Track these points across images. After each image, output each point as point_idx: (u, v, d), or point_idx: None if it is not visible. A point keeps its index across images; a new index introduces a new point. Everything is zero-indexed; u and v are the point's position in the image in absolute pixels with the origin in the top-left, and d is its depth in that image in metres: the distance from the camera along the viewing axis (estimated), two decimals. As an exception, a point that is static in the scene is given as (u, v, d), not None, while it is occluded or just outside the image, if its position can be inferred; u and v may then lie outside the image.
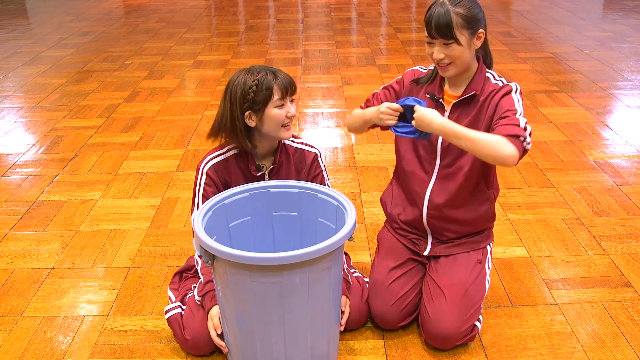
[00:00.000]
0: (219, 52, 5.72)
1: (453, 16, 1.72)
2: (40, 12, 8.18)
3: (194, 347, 1.87)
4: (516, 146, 1.70)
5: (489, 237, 2.02)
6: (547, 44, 5.68)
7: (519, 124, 1.74)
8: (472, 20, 1.75)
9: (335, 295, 1.70)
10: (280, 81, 1.81)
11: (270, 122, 1.83)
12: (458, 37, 1.74)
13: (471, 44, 1.79)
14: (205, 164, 1.91)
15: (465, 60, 1.81)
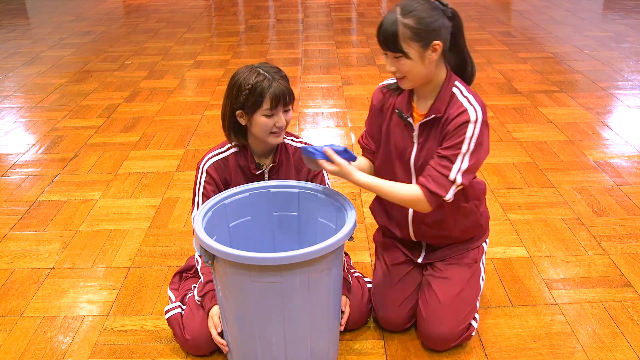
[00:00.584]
0: (219, 52, 5.72)
1: (400, 27, 1.59)
2: (40, 12, 8.18)
3: (194, 347, 1.87)
4: (430, 203, 1.68)
5: (483, 234, 1.98)
6: (547, 44, 5.68)
7: (448, 175, 1.65)
8: (423, 32, 1.59)
9: (335, 296, 1.70)
10: (273, 91, 1.76)
11: (257, 127, 1.83)
12: (406, 50, 1.61)
13: (424, 57, 1.63)
14: (205, 162, 1.92)
15: (420, 75, 1.67)
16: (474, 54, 1.79)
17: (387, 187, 1.73)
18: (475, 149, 1.65)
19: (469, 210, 1.87)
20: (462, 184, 1.67)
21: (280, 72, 1.83)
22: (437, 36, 1.62)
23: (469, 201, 1.85)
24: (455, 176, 1.65)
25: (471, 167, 1.67)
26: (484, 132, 1.67)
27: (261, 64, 1.85)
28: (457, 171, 1.66)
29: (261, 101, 1.77)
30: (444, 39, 1.64)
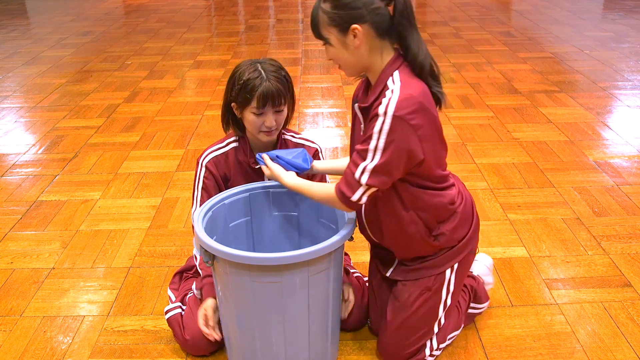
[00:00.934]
0: (219, 52, 5.72)
1: (320, 13, 1.52)
2: (40, 12, 8.18)
3: (194, 347, 1.87)
4: (344, 203, 1.55)
5: (450, 258, 1.70)
6: (547, 44, 5.68)
7: (354, 173, 1.50)
8: (338, 16, 1.48)
9: (336, 295, 1.70)
10: (262, 91, 1.76)
11: (247, 123, 1.85)
12: (326, 36, 1.53)
13: (346, 43, 1.51)
14: (204, 157, 1.93)
15: (350, 62, 1.56)
16: (474, 54, 1.76)
17: (309, 187, 1.67)
18: (385, 147, 1.45)
19: (408, 221, 1.63)
20: (369, 186, 1.49)
21: (278, 72, 1.82)
22: (358, 19, 1.47)
23: (408, 210, 1.62)
24: (360, 176, 1.49)
25: (380, 167, 1.47)
26: (395, 129, 1.44)
27: (265, 60, 1.84)
28: (363, 170, 1.48)
29: (250, 99, 1.78)
30: (371, 21, 1.47)
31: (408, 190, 1.60)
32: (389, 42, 1.53)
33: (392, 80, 1.50)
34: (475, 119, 3.84)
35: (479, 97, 4.25)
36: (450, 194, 1.66)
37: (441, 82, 1.59)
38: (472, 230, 1.72)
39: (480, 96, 4.26)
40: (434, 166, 1.58)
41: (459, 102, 4.15)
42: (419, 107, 1.46)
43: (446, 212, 1.66)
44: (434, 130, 1.54)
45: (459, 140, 3.50)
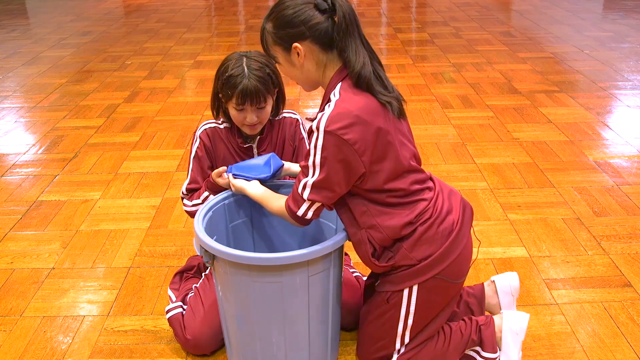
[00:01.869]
0: (219, 52, 5.72)
1: (265, 34, 1.58)
2: (40, 12, 8.18)
3: (195, 347, 1.87)
4: (293, 218, 1.56)
5: (407, 278, 1.59)
6: (547, 44, 5.68)
7: (297, 188, 1.51)
8: (278, 37, 1.53)
9: (336, 296, 1.70)
10: (241, 89, 1.77)
11: (231, 115, 1.88)
12: (274, 54, 1.59)
13: (291, 61, 1.54)
14: (200, 128, 1.97)
15: (301, 79, 1.59)
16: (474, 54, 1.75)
17: (267, 199, 1.66)
18: (321, 163, 1.44)
19: (359, 240, 1.59)
20: (312, 200, 1.50)
21: (262, 69, 1.81)
22: (299, 37, 1.49)
23: (360, 229, 1.58)
24: (302, 191, 1.50)
25: (319, 182, 1.46)
26: (328, 145, 1.42)
27: (253, 54, 1.86)
28: (304, 186, 1.49)
29: (231, 95, 1.80)
30: (311, 37, 1.48)
31: (358, 207, 1.56)
32: (335, 54, 1.51)
33: (333, 94, 1.49)
34: (475, 119, 3.84)
35: (479, 97, 4.25)
36: (416, 211, 1.56)
37: (390, 88, 1.53)
38: (441, 252, 1.56)
39: (480, 96, 4.26)
40: (384, 180, 1.52)
41: (459, 102, 4.15)
42: (354, 121, 1.43)
43: (403, 231, 1.56)
44: (379, 143, 1.48)
45: (459, 140, 3.50)
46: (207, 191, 1.90)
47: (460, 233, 1.60)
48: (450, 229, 1.59)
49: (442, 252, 1.57)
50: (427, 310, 1.65)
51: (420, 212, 1.56)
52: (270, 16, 1.54)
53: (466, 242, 1.63)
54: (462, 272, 1.65)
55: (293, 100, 4.27)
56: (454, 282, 1.63)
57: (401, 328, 1.66)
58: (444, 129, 3.68)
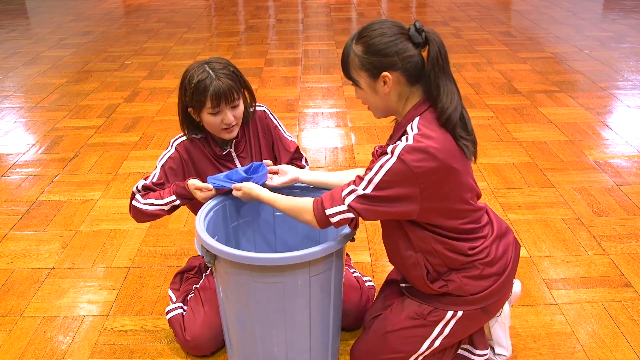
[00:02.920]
0: (219, 52, 5.72)
1: (350, 55, 1.51)
2: (40, 12, 8.18)
3: (195, 347, 1.87)
4: (316, 215, 1.50)
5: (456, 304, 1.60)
6: (547, 44, 5.68)
7: (342, 191, 1.49)
8: (369, 62, 1.47)
9: (337, 296, 1.70)
10: (213, 90, 1.75)
11: (207, 125, 1.83)
12: (356, 79, 1.52)
13: (375, 89, 1.50)
14: (177, 138, 1.92)
15: (379, 106, 1.55)
16: (474, 54, 1.75)
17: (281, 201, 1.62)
18: (380, 184, 1.43)
19: (414, 262, 1.59)
20: (351, 209, 1.46)
21: (226, 68, 1.80)
22: (390, 66, 1.46)
23: (416, 252, 1.58)
24: (346, 195, 1.47)
25: (369, 198, 1.44)
26: (396, 171, 1.41)
27: (212, 60, 1.83)
28: (351, 192, 1.47)
29: (203, 100, 1.77)
30: (402, 69, 1.46)
31: (416, 232, 1.55)
32: (419, 88, 1.50)
33: (411, 127, 1.47)
34: (475, 119, 3.84)
35: (479, 97, 4.25)
36: (473, 247, 1.57)
37: (471, 130, 1.53)
38: (492, 290, 1.59)
39: (480, 96, 4.26)
40: (445, 219, 1.52)
41: (459, 102, 4.15)
42: (429, 158, 1.42)
43: (460, 263, 1.57)
44: (446, 184, 1.47)
45: (459, 140, 3.50)
46: (175, 196, 1.82)
47: (510, 273, 1.64)
48: (504, 268, 1.61)
49: (494, 290, 1.59)
50: (457, 335, 1.66)
51: (479, 249, 1.57)
52: (361, 39, 1.48)
53: (512, 279, 1.68)
54: (500, 307, 1.69)
55: (293, 100, 4.28)
56: (492, 315, 1.67)
57: (425, 347, 1.65)
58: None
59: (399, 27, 1.48)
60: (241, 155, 1.95)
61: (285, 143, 2.01)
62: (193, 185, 1.78)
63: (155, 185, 1.87)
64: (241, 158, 1.95)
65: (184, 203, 1.83)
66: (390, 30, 1.47)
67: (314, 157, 3.35)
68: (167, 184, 1.86)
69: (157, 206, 1.83)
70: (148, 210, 1.83)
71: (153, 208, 1.83)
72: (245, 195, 1.71)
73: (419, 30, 1.45)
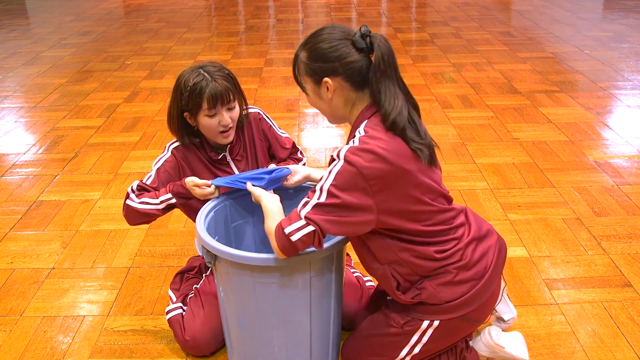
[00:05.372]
0: (219, 52, 5.72)
1: (297, 61, 1.53)
2: (40, 12, 8.18)
3: (195, 348, 1.87)
4: (276, 238, 1.43)
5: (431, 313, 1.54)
6: (547, 44, 5.68)
7: (298, 212, 1.42)
8: (311, 68, 1.48)
9: (337, 296, 1.70)
10: (210, 91, 1.75)
11: (204, 128, 1.84)
12: (303, 84, 1.54)
13: (320, 94, 1.50)
14: (173, 142, 1.93)
15: (327, 112, 1.54)
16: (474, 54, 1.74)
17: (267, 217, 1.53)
18: (332, 187, 1.39)
19: (382, 274, 1.55)
20: (309, 220, 1.39)
21: (222, 71, 1.81)
22: (331, 72, 1.45)
23: (382, 264, 1.53)
24: (301, 208, 1.41)
25: (324, 206, 1.39)
26: (344, 173, 1.38)
27: (206, 64, 1.83)
28: (305, 204, 1.41)
29: (200, 102, 1.77)
30: (344, 75, 1.45)
31: (376, 242, 1.50)
32: (366, 93, 1.48)
33: (358, 131, 1.46)
34: (475, 119, 3.84)
35: (479, 97, 4.25)
36: (441, 250, 1.51)
37: (423, 134, 1.47)
38: (470, 295, 1.52)
39: (480, 96, 4.26)
40: (404, 221, 1.46)
41: (459, 102, 4.15)
42: (376, 159, 1.38)
43: (430, 269, 1.51)
44: (399, 185, 1.42)
45: (459, 140, 3.50)
46: (171, 194, 1.81)
47: (491, 277, 1.56)
48: (483, 272, 1.54)
49: (472, 296, 1.53)
50: (438, 344, 1.61)
51: (450, 253, 1.51)
52: (306, 45, 1.50)
53: (495, 285, 1.60)
54: (486, 315, 1.63)
55: (293, 100, 4.28)
56: (476, 323, 1.60)
57: (404, 353, 1.61)
58: (444, 129, 3.68)
59: (345, 33, 1.46)
60: (236, 159, 1.96)
61: (281, 141, 2.05)
62: (191, 182, 1.78)
63: (151, 187, 1.86)
64: (236, 161, 1.95)
65: (180, 202, 1.82)
66: (335, 35, 1.46)
67: (314, 157, 3.35)
68: (162, 187, 1.86)
69: (151, 205, 1.82)
70: (142, 209, 1.82)
71: (147, 207, 1.82)
72: (255, 200, 1.68)
73: (363, 36, 1.44)
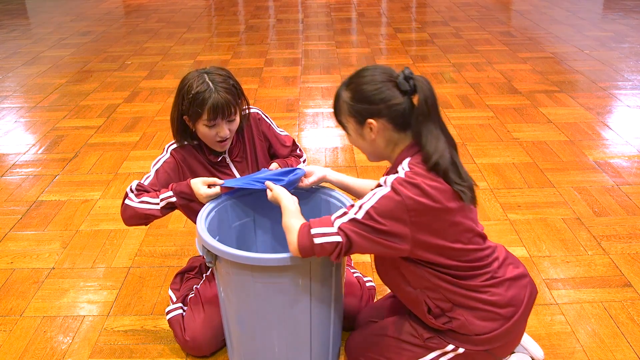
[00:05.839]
0: (219, 52, 5.72)
1: (340, 100, 1.51)
2: (40, 12, 8.17)
3: (195, 348, 1.87)
4: (298, 236, 1.44)
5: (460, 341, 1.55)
6: (547, 44, 5.68)
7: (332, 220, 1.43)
8: (354, 109, 1.48)
9: (338, 297, 1.70)
10: (211, 103, 1.74)
11: (201, 135, 1.84)
12: (345, 124, 1.52)
13: (362, 134, 1.50)
14: (172, 143, 1.92)
15: (367, 151, 1.55)
16: (474, 54, 1.74)
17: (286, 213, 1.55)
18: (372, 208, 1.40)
19: (413, 299, 1.56)
20: (340, 231, 1.40)
21: (226, 81, 1.79)
22: (375, 114, 1.46)
23: (415, 288, 1.54)
24: (336, 217, 1.43)
25: (359, 223, 1.40)
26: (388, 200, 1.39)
27: (211, 69, 1.82)
28: (342, 215, 1.43)
29: (201, 112, 1.76)
30: (388, 117, 1.46)
31: (409, 269, 1.51)
32: (408, 134, 1.49)
33: (402, 167, 1.46)
34: (475, 119, 3.84)
35: (479, 97, 4.25)
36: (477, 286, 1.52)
37: (465, 176, 1.48)
38: (499, 333, 1.53)
39: (480, 96, 4.26)
40: (441, 257, 1.47)
41: (459, 102, 4.15)
42: (421, 193, 1.39)
43: (463, 298, 1.52)
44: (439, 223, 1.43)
45: (459, 141, 3.50)
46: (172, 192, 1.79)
47: (520, 318, 1.57)
48: (513, 313, 1.55)
49: (501, 333, 1.54)
50: None
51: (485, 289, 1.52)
52: (349, 86, 1.50)
53: (522, 326, 1.62)
54: (509, 352, 1.65)
55: (293, 100, 4.28)
56: (498, 358, 1.60)
57: None
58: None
59: (388, 75, 1.47)
60: (236, 160, 1.96)
61: (281, 139, 2.05)
62: (200, 181, 1.76)
63: (150, 188, 1.85)
64: (236, 163, 1.95)
65: (181, 202, 1.80)
66: (379, 77, 1.46)
67: (314, 157, 3.35)
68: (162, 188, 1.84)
69: (151, 204, 1.80)
70: (141, 208, 1.80)
71: (146, 207, 1.80)
72: (273, 198, 1.68)
73: (407, 78, 1.44)
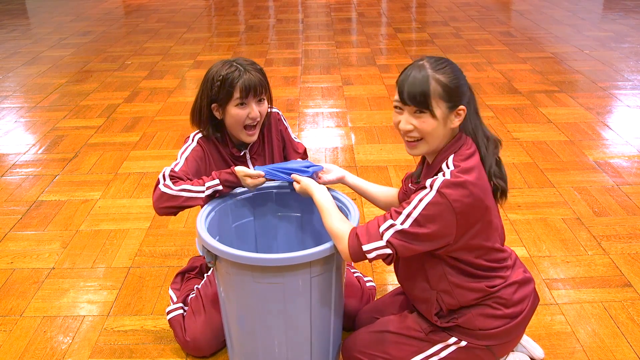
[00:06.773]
0: (219, 52, 5.72)
1: (432, 83, 1.45)
2: (40, 12, 8.17)
3: (195, 348, 1.87)
4: (350, 250, 1.47)
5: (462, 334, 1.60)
6: (547, 44, 5.68)
7: (380, 226, 1.46)
8: (453, 92, 1.47)
9: (338, 297, 1.70)
10: (243, 81, 1.78)
11: (231, 119, 1.84)
12: (433, 108, 1.46)
13: (447, 120, 1.48)
14: (197, 133, 1.92)
15: (439, 138, 1.50)
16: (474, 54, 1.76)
17: (329, 212, 1.58)
18: (419, 218, 1.42)
19: (426, 298, 1.61)
20: (389, 245, 1.44)
21: (254, 65, 1.84)
22: (464, 101, 1.49)
23: (432, 289, 1.59)
24: (384, 231, 1.45)
25: (408, 234, 1.43)
26: (435, 205, 1.42)
27: (237, 58, 1.86)
28: (389, 227, 1.45)
29: (232, 92, 1.79)
30: (470, 105, 1.52)
31: (435, 269, 1.56)
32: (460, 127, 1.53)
33: (446, 164, 1.48)
34: (475, 119, 3.84)
35: (479, 97, 4.23)
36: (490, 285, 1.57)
37: (503, 172, 1.56)
38: (501, 331, 1.58)
39: (480, 96, 4.26)
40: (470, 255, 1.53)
41: (459, 102, 4.15)
42: (467, 194, 1.43)
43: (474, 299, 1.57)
44: (479, 220, 1.48)
45: (459, 140, 3.50)
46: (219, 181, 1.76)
47: (522, 321, 1.63)
48: (517, 314, 1.60)
49: (503, 331, 1.59)
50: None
51: (496, 289, 1.57)
52: (444, 68, 1.48)
53: (523, 329, 1.68)
54: (507, 351, 1.70)
55: (293, 100, 4.28)
56: (497, 357, 1.65)
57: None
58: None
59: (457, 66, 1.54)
60: (253, 157, 1.97)
61: (295, 145, 2.06)
62: (242, 172, 1.75)
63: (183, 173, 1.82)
64: (253, 159, 1.97)
65: (226, 191, 1.78)
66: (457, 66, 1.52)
67: (314, 157, 3.35)
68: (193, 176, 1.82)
69: (194, 192, 1.75)
70: (182, 196, 1.74)
71: (189, 195, 1.75)
72: (302, 189, 1.69)
73: None
